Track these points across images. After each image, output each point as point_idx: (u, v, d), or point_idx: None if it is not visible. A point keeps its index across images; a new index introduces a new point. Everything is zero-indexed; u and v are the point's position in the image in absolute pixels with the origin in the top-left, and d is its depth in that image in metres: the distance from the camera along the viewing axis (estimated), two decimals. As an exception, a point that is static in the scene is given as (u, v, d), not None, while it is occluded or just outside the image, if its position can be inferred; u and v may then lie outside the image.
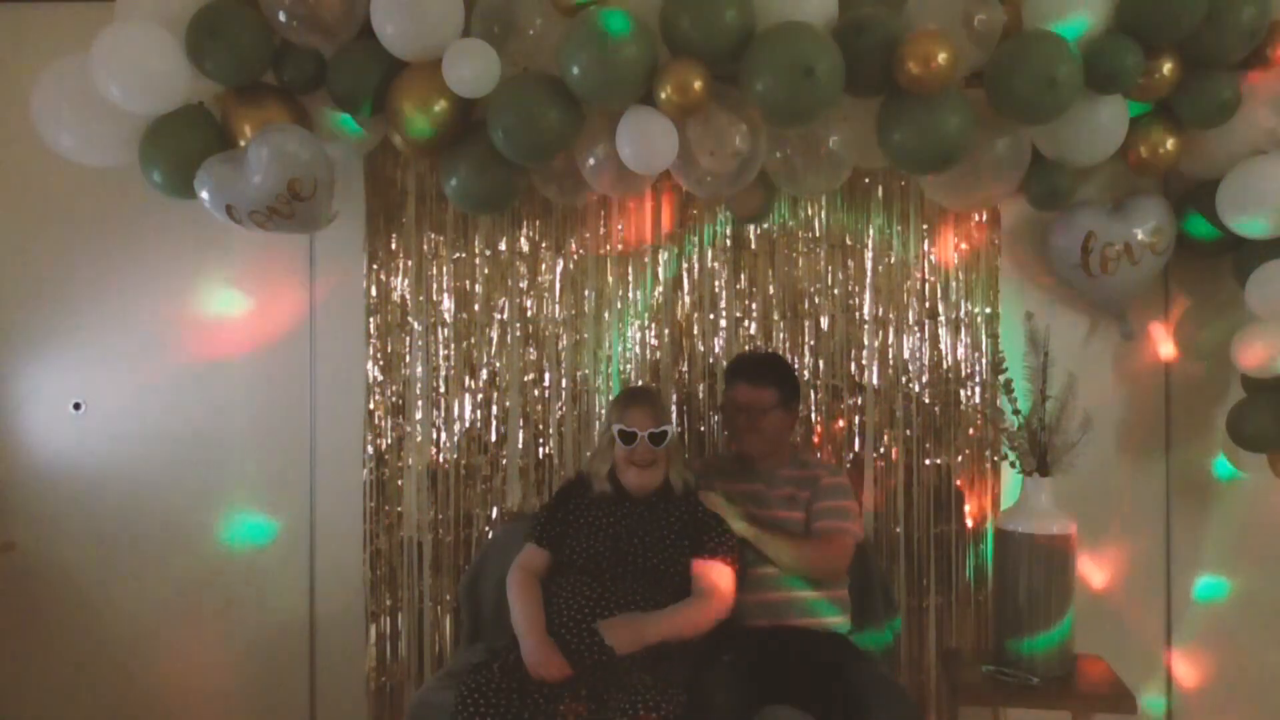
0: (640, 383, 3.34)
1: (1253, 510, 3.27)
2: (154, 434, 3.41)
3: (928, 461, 3.33)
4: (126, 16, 2.75)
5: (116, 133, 2.83)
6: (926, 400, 3.33)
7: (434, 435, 3.39)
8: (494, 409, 3.39)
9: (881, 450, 3.34)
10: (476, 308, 3.39)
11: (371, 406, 3.39)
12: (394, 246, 3.39)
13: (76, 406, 3.43)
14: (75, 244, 3.41)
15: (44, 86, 2.81)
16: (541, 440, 3.39)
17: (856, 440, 3.35)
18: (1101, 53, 2.68)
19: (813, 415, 3.35)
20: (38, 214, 3.41)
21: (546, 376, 3.39)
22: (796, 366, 3.34)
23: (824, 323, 3.36)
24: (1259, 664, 3.29)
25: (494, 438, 3.39)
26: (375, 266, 3.39)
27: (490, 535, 3.35)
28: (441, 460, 3.39)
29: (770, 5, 2.59)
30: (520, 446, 3.39)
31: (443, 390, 3.40)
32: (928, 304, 3.34)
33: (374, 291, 3.39)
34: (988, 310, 3.32)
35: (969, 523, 3.32)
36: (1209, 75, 2.81)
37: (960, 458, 3.33)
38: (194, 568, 3.41)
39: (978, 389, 3.33)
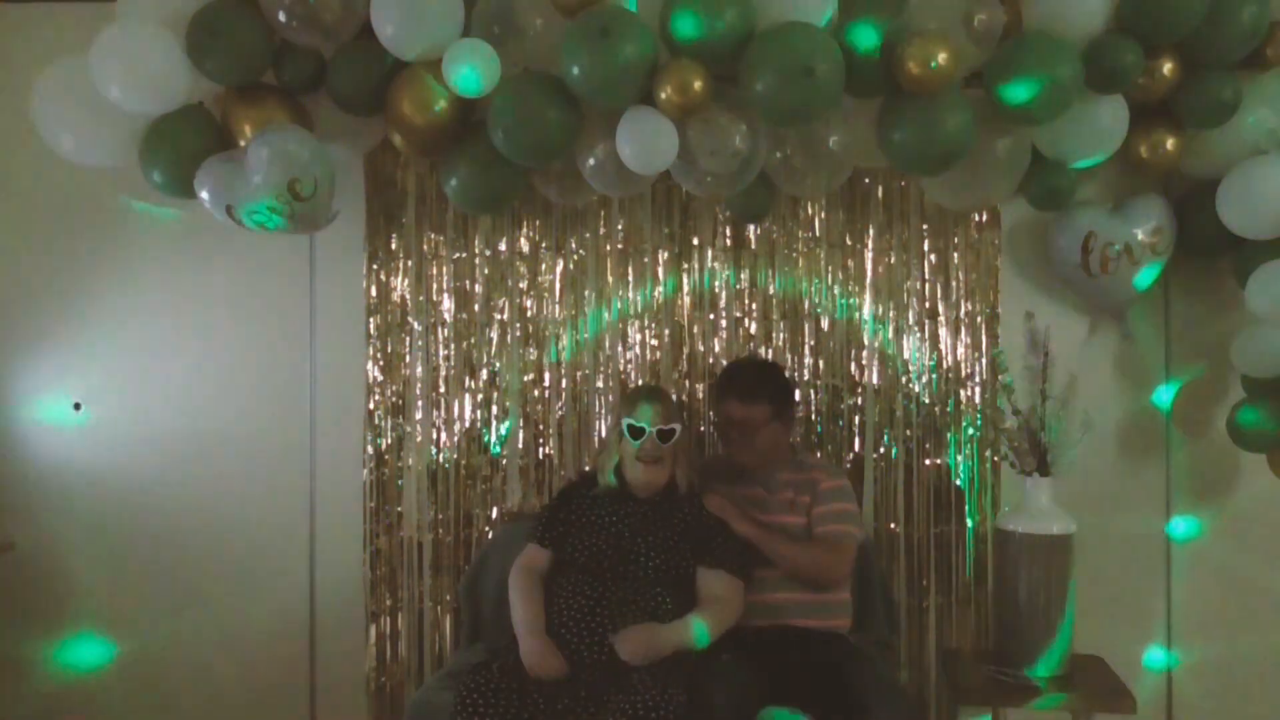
0: (641, 382, 3.34)
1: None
2: (154, 434, 3.41)
3: (928, 461, 3.33)
4: (126, 16, 2.75)
5: (116, 133, 2.83)
6: (926, 400, 3.33)
7: (434, 435, 3.40)
8: (494, 409, 3.39)
9: (881, 450, 3.34)
10: (476, 308, 3.40)
11: (371, 406, 3.39)
12: (394, 246, 3.39)
13: (76, 406, 3.43)
14: (75, 244, 3.41)
15: (44, 86, 2.81)
16: (541, 440, 3.39)
17: (856, 440, 3.35)
18: (1101, 53, 2.68)
19: (813, 415, 3.35)
20: (38, 214, 3.41)
21: (546, 376, 3.39)
22: (796, 367, 3.34)
23: (824, 323, 3.36)
24: (1259, 662, 3.29)
25: (494, 438, 3.39)
26: (375, 266, 3.39)
27: (490, 535, 3.35)
28: (441, 460, 3.40)
29: (770, 5, 2.59)
30: (520, 446, 3.39)
31: (443, 390, 3.40)
32: (928, 304, 3.34)
33: (374, 291, 3.39)
34: (988, 310, 3.32)
35: (969, 523, 3.32)
36: (1209, 75, 2.81)
37: (960, 458, 3.33)
38: (193, 568, 3.41)
39: (978, 389, 3.33)
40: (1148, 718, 3.11)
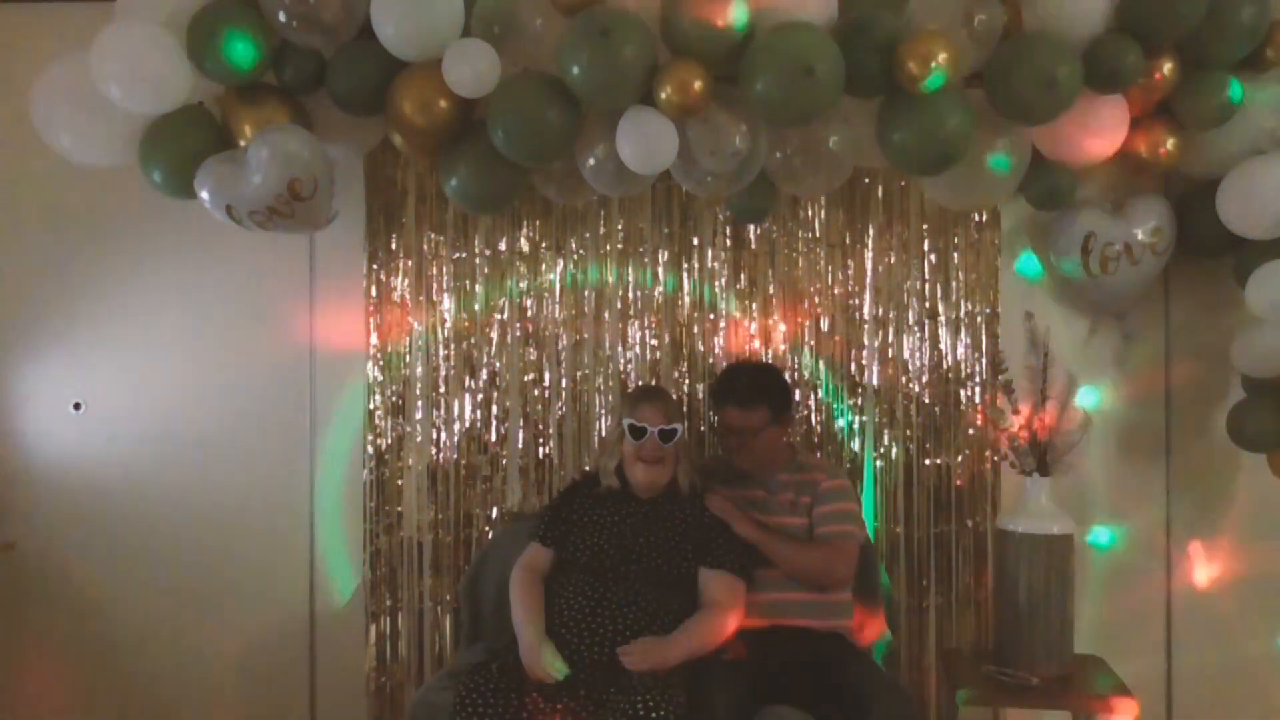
0: (641, 382, 3.34)
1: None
2: (154, 434, 3.42)
3: (928, 461, 3.33)
4: (126, 16, 2.75)
5: (116, 133, 2.82)
6: (926, 400, 3.33)
7: (434, 435, 3.40)
8: (494, 409, 3.39)
9: (881, 450, 3.34)
10: (476, 308, 3.40)
11: (371, 406, 3.39)
12: (394, 246, 3.39)
13: (76, 406, 3.43)
14: (75, 244, 3.41)
15: (44, 86, 2.80)
16: (541, 440, 3.39)
17: (856, 440, 3.35)
18: (1101, 53, 2.68)
19: (813, 415, 3.35)
20: (37, 214, 3.41)
21: (546, 376, 3.39)
22: (796, 366, 3.34)
23: (824, 323, 3.36)
24: (1258, 663, 3.29)
25: (494, 438, 3.39)
26: (375, 266, 3.39)
27: (490, 535, 3.35)
28: (441, 460, 3.39)
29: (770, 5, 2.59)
30: (520, 446, 3.39)
31: (443, 390, 3.40)
32: (928, 304, 3.34)
33: (374, 291, 3.39)
34: (988, 310, 3.32)
35: (969, 523, 3.32)
36: (1209, 75, 2.81)
37: (960, 458, 3.33)
38: (194, 568, 3.42)
39: (978, 389, 3.33)
40: (1148, 718, 3.11)
